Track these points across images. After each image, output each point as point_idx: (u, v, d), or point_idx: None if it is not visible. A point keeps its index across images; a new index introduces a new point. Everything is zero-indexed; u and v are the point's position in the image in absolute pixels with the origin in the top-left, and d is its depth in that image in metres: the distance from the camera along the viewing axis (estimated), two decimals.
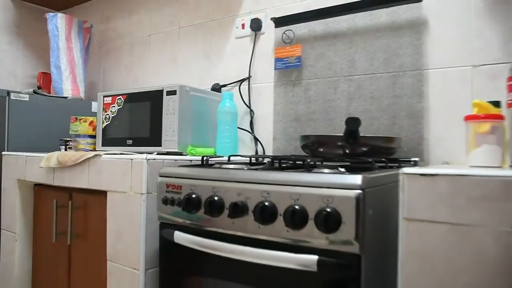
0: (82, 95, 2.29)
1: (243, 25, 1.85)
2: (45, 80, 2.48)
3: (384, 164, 1.08)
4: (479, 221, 0.71)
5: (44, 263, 1.65)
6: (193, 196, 1.06)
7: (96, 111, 2.23)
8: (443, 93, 1.36)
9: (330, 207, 0.83)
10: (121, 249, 1.26)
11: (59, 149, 1.90)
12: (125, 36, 2.40)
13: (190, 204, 1.05)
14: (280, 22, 1.69)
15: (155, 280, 1.22)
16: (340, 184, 0.84)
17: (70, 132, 1.89)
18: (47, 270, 1.64)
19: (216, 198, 1.01)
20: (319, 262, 0.84)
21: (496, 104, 1.12)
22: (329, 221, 0.83)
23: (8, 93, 1.92)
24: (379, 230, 0.88)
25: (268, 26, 1.76)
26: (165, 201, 1.13)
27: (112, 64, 2.46)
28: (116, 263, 1.27)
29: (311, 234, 0.86)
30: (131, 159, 1.24)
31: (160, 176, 1.16)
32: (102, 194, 1.35)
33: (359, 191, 0.82)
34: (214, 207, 1.01)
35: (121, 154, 1.37)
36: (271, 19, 1.71)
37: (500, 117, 1.02)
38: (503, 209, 0.70)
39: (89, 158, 1.37)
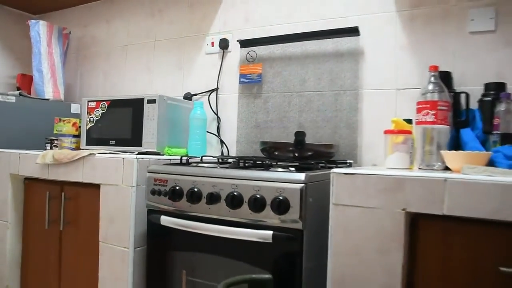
0: (62, 97, 2.50)
1: (212, 43, 2.15)
2: (24, 81, 2.66)
3: (324, 165, 1.42)
4: (381, 205, 1.06)
5: (35, 247, 1.88)
6: (177, 188, 1.36)
7: (75, 112, 2.47)
8: (373, 109, 1.73)
9: (282, 196, 1.16)
10: (113, 232, 1.53)
11: (45, 147, 2.12)
12: (102, 44, 2.63)
13: (175, 194, 1.35)
14: (245, 43, 2.00)
15: (143, 256, 1.51)
16: (289, 180, 1.17)
17: (54, 132, 2.12)
18: (38, 253, 1.86)
19: (195, 189, 1.31)
20: (273, 235, 1.17)
21: (409, 121, 1.48)
22: (281, 206, 1.16)
23: None
24: (316, 212, 1.22)
25: (234, 46, 2.07)
26: (153, 192, 1.42)
27: (89, 69, 2.69)
28: (108, 244, 1.55)
29: (268, 216, 1.19)
30: (123, 158, 1.51)
31: (149, 172, 1.45)
32: (94, 186, 1.61)
33: (303, 184, 1.15)
34: (194, 196, 1.31)
35: (110, 153, 1.64)
36: (237, 40, 2.02)
37: (409, 132, 1.38)
38: (396, 197, 1.04)
39: (83, 156, 1.62)
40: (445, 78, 1.47)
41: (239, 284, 1.09)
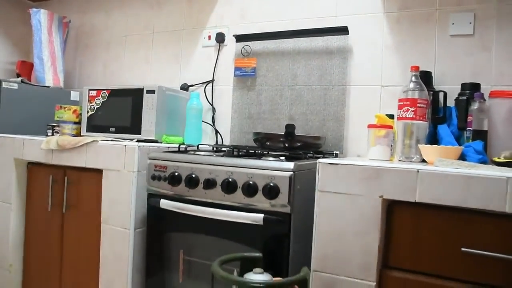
0: (61, 84, 2.59)
1: (209, 37, 2.25)
2: (23, 68, 2.72)
3: (312, 155, 1.54)
4: (361, 192, 1.18)
5: (37, 229, 1.98)
6: (176, 174, 1.47)
7: (74, 99, 2.56)
8: (359, 104, 1.85)
9: (273, 182, 1.29)
10: (114, 214, 1.64)
11: (46, 133, 2.21)
12: (102, 34, 2.71)
13: (174, 179, 1.47)
14: (240, 38, 2.11)
15: (143, 237, 1.63)
16: (279, 168, 1.29)
17: (55, 118, 2.21)
18: (40, 234, 1.97)
19: (193, 175, 1.43)
20: (264, 218, 1.30)
21: (391, 116, 1.60)
22: (271, 191, 1.28)
23: (0, 81, 2.20)
24: (303, 198, 1.34)
25: (230, 40, 2.17)
26: (154, 178, 1.53)
27: (89, 58, 2.76)
28: (109, 225, 1.66)
29: (260, 200, 1.31)
30: (125, 145, 1.62)
31: (150, 159, 1.56)
32: (97, 171, 1.72)
33: (291, 172, 1.28)
34: (192, 182, 1.43)
35: (112, 140, 1.74)
36: (233, 35, 2.12)
37: (391, 127, 1.50)
38: (374, 185, 1.16)
39: (87, 143, 1.72)
40: (425, 77, 1.59)
41: (233, 261, 1.21)
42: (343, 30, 1.86)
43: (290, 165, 1.29)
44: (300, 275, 1.09)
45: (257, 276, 1.10)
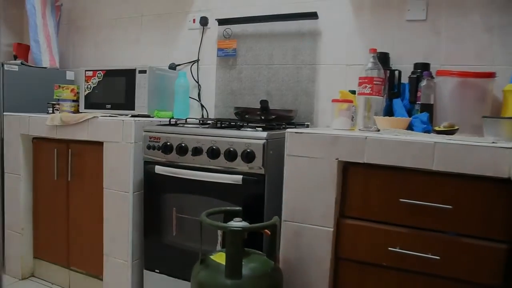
0: (57, 65, 2.78)
1: (194, 20, 2.45)
2: (19, 50, 2.90)
3: (284, 126, 1.80)
4: (321, 156, 1.44)
5: (45, 196, 2.23)
6: (168, 143, 1.72)
7: (70, 79, 2.76)
8: (327, 81, 2.09)
9: (249, 149, 1.54)
10: (115, 180, 1.89)
11: (47, 111, 2.42)
12: (93, 17, 2.88)
13: (166, 148, 1.72)
14: (222, 22, 2.32)
15: (140, 199, 1.89)
16: (255, 137, 1.55)
17: (54, 97, 2.42)
18: (48, 200, 2.22)
19: (183, 144, 1.68)
20: (243, 179, 1.56)
21: (354, 92, 1.84)
22: (248, 156, 1.54)
23: (2, 64, 2.39)
24: (275, 161, 1.61)
25: (213, 23, 2.39)
26: (149, 147, 1.78)
27: (81, 40, 2.94)
28: (111, 190, 1.91)
29: (239, 164, 1.57)
30: (123, 120, 1.86)
31: (145, 131, 1.81)
32: (98, 144, 1.95)
33: (265, 140, 1.54)
34: (182, 150, 1.68)
35: (110, 116, 1.98)
36: (216, 19, 2.33)
37: (351, 101, 1.74)
38: (332, 149, 1.42)
39: (88, 119, 1.95)
40: (384, 57, 1.83)
41: (217, 214, 1.48)
42: (313, 15, 2.08)
43: (264, 134, 1.55)
44: (270, 221, 1.36)
45: (237, 223, 1.36)
